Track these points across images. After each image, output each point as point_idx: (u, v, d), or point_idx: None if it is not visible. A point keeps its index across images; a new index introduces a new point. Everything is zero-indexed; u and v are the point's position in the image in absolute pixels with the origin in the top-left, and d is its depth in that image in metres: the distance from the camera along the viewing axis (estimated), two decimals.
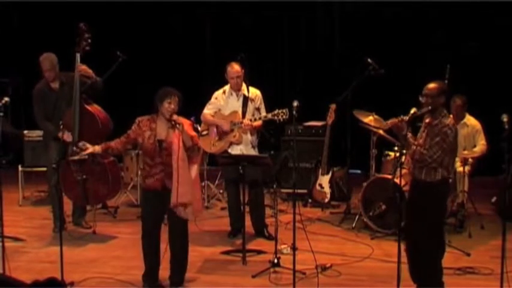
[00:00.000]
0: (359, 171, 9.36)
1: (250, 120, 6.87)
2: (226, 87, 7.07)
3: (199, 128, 7.46)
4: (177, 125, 5.36)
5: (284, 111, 6.67)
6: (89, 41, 7.04)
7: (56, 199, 7.00)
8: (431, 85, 5.24)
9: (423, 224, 5.23)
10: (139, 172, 8.36)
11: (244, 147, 6.96)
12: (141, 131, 5.53)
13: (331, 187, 8.21)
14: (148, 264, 5.64)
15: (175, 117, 5.40)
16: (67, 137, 6.89)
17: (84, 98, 7.12)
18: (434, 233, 5.29)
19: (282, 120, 6.72)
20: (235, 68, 6.91)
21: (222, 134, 7.04)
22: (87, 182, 7.00)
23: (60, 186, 6.88)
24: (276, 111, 6.74)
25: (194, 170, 5.51)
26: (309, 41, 10.32)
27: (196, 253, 6.40)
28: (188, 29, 10.48)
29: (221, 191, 8.67)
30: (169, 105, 5.42)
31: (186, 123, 5.50)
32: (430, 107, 5.18)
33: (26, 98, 7.33)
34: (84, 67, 7.07)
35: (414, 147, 5.21)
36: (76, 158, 6.80)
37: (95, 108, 7.17)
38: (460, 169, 7.29)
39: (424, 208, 5.22)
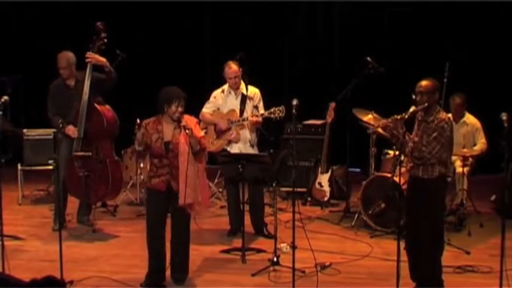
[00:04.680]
0: (358, 170, 9.36)
1: (256, 116, 6.85)
2: (225, 86, 7.07)
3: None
4: (187, 131, 5.29)
5: (280, 108, 6.66)
6: (105, 40, 7.03)
7: (61, 196, 7.00)
8: (426, 82, 5.22)
9: (422, 222, 5.23)
10: (138, 171, 8.36)
11: (242, 145, 6.96)
12: (149, 134, 5.48)
13: (330, 185, 8.22)
14: (154, 264, 5.56)
15: (184, 121, 5.33)
16: (73, 132, 6.90)
17: (96, 98, 7.09)
18: (434, 230, 5.28)
19: (278, 118, 6.71)
20: (232, 68, 6.90)
21: (220, 133, 7.04)
22: (89, 179, 7.00)
23: (66, 184, 6.89)
24: (272, 109, 6.73)
25: (201, 167, 5.53)
26: (309, 39, 10.31)
27: (195, 252, 6.40)
28: (188, 28, 10.47)
29: (220, 190, 8.66)
30: (177, 108, 5.35)
31: (192, 122, 5.47)
32: (426, 104, 5.18)
33: (26, 97, 7.32)
34: (95, 56, 7.00)
35: (412, 144, 5.21)
36: (80, 154, 6.80)
37: (103, 107, 7.12)
38: (460, 169, 7.30)
39: (422, 205, 5.22)
